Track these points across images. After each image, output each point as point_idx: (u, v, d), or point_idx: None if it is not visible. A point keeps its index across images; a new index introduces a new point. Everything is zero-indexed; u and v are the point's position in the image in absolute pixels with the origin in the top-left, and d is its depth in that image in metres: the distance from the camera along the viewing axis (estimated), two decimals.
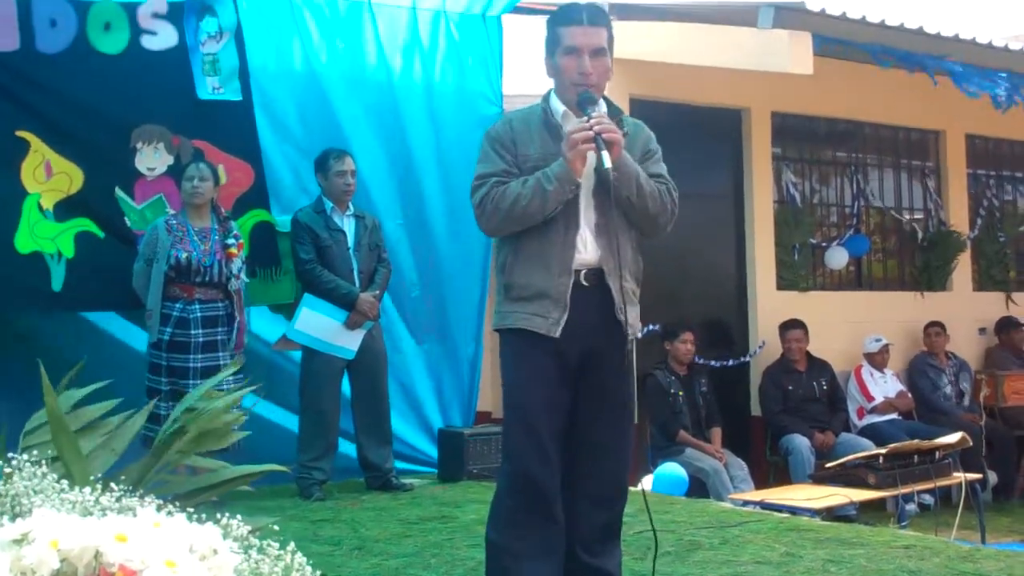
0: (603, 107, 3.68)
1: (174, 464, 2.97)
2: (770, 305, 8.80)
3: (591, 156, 3.55)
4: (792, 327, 8.42)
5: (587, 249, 3.64)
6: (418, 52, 7.37)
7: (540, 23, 4.07)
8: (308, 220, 6.39)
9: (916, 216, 10.08)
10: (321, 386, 6.35)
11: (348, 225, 6.48)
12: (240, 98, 6.53)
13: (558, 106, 3.72)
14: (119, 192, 6.25)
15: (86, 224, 6.16)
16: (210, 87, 6.46)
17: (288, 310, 6.62)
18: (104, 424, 3.09)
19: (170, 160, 6.35)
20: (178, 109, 6.39)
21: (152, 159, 6.33)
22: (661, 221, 3.74)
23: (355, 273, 6.41)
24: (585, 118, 3.54)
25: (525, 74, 6.81)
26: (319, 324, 6.33)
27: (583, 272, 3.62)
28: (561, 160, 3.52)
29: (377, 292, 6.46)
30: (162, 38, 6.36)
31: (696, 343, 7.96)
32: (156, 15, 6.35)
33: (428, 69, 7.39)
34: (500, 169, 3.65)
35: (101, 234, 6.20)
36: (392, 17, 7.30)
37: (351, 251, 6.44)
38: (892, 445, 6.74)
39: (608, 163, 3.46)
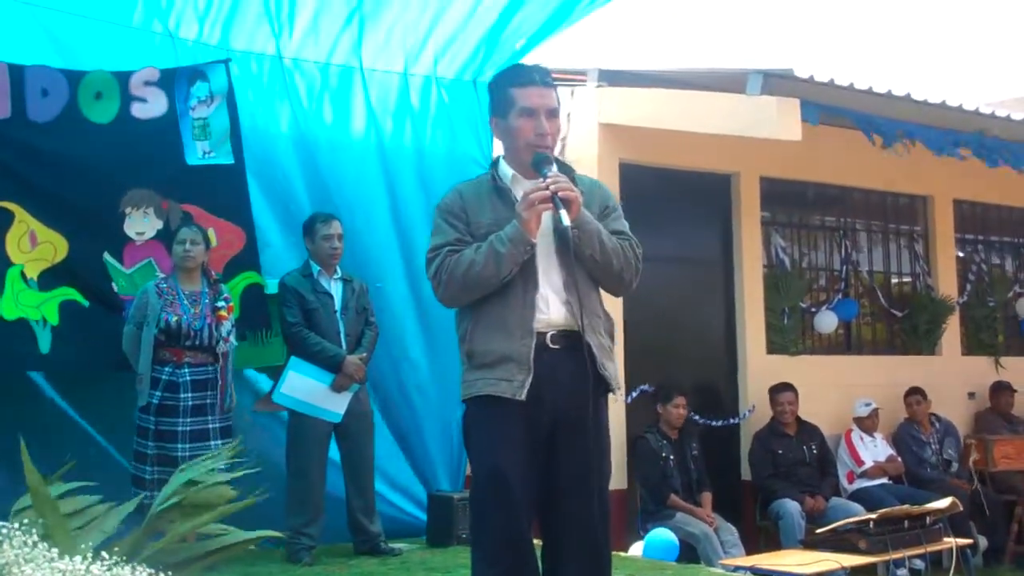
0: (554, 167, 3.64)
1: (171, 539, 2.96)
2: (760, 369, 8.80)
3: (548, 216, 3.54)
4: (783, 390, 8.42)
5: (550, 309, 3.58)
6: (409, 116, 7.43)
7: None
8: (295, 283, 6.40)
9: (905, 281, 10.13)
10: (308, 450, 6.31)
11: (335, 288, 6.49)
12: (232, 161, 6.56)
13: (507, 170, 3.72)
14: (107, 257, 6.27)
15: (70, 293, 6.17)
16: (200, 152, 6.49)
17: (271, 370, 6.62)
18: (91, 511, 3.08)
19: (159, 225, 6.38)
20: (167, 174, 6.42)
21: (141, 224, 6.36)
22: (626, 278, 3.71)
23: (342, 336, 6.41)
24: (541, 178, 3.53)
25: None
26: (305, 387, 6.30)
27: (550, 334, 3.57)
28: (515, 222, 3.49)
29: (364, 355, 6.45)
30: (152, 105, 6.41)
31: (687, 406, 7.95)
32: (147, 83, 6.41)
33: (419, 133, 7.46)
34: (452, 239, 3.63)
35: (86, 302, 6.21)
36: (383, 82, 7.36)
37: (338, 314, 6.44)
38: (883, 510, 6.71)
39: (567, 221, 3.44)
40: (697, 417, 8.36)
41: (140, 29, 6.63)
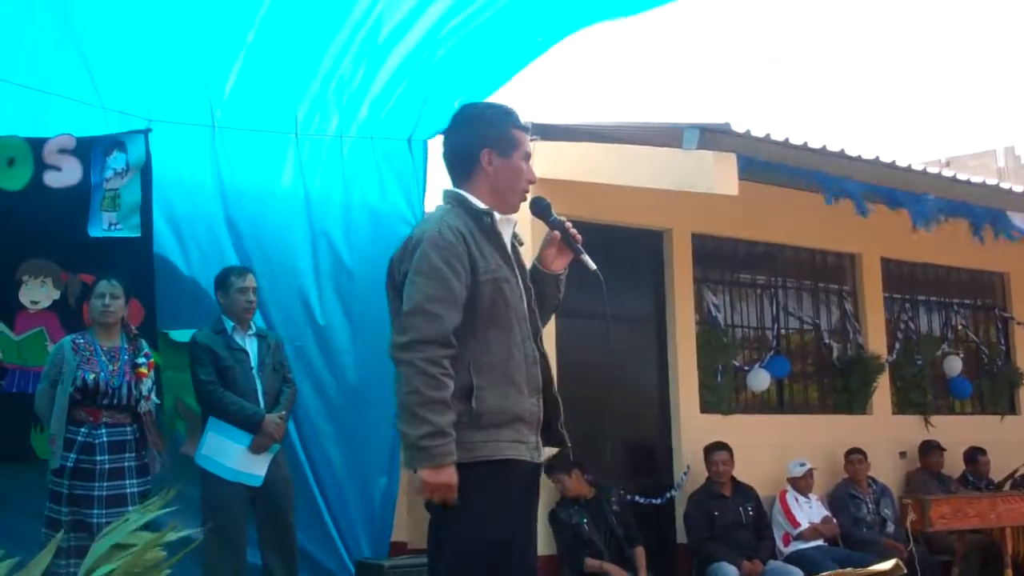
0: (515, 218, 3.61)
1: None
2: (694, 428, 8.67)
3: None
4: (717, 449, 8.29)
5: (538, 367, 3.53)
6: (341, 175, 7.28)
7: None
8: (207, 340, 6.14)
9: (835, 339, 10.11)
10: (228, 514, 5.98)
11: (250, 345, 6.24)
12: (138, 235, 6.36)
13: (495, 212, 3.55)
14: None
15: None
16: (106, 223, 6.31)
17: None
18: None
19: (56, 295, 6.19)
20: (71, 244, 6.24)
21: (37, 293, 6.17)
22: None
23: (259, 394, 6.15)
24: (549, 224, 3.60)
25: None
26: (224, 449, 6.03)
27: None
28: (447, 459, 3.21)
29: (283, 413, 6.18)
30: (66, 174, 6.23)
31: (585, 476, 7.67)
32: (63, 150, 6.23)
33: (348, 190, 7.31)
34: (456, 294, 3.34)
35: None
36: (317, 144, 7.21)
37: (254, 371, 6.19)
38: (826, 574, 6.58)
39: (593, 266, 3.51)
40: (635, 497, 8.15)
41: (61, 95, 6.40)
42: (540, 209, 3.59)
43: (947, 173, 8.12)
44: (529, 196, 3.69)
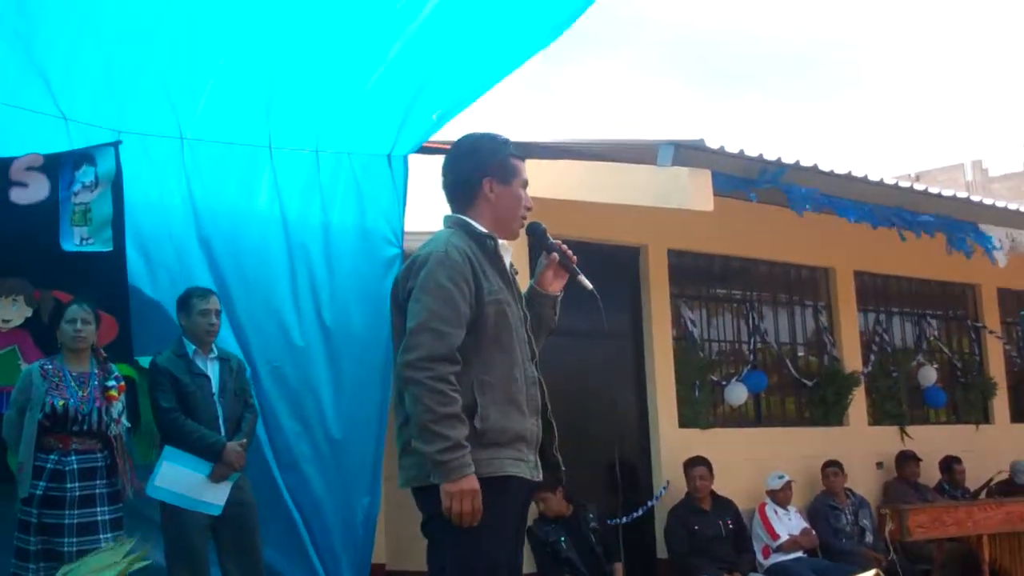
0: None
1: None
2: (673, 443, 8.68)
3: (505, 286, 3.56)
4: (697, 464, 8.30)
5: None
6: (318, 192, 7.23)
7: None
8: (168, 364, 5.98)
9: (811, 352, 10.16)
10: (188, 544, 5.84)
11: (212, 369, 6.09)
12: (110, 248, 6.27)
13: (497, 238, 3.66)
14: None
15: None
16: (78, 238, 6.22)
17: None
18: None
19: (28, 313, 6.09)
20: (42, 261, 6.13)
21: (9, 311, 6.07)
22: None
23: (220, 421, 5.99)
24: (545, 248, 3.72)
25: (430, 212, 6.73)
26: (181, 479, 5.85)
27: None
28: (466, 470, 3.25)
29: (244, 440, 6.02)
30: (33, 190, 6.14)
31: (566, 495, 7.63)
32: (30, 168, 6.13)
33: (327, 208, 7.25)
34: (462, 313, 3.39)
35: None
36: (292, 159, 7.16)
37: (216, 397, 6.03)
38: None
39: (589, 285, 3.60)
40: (618, 519, 8.11)
41: (29, 110, 6.35)
42: (537, 232, 3.71)
43: (919, 187, 8.19)
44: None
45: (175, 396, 5.91)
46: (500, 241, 3.65)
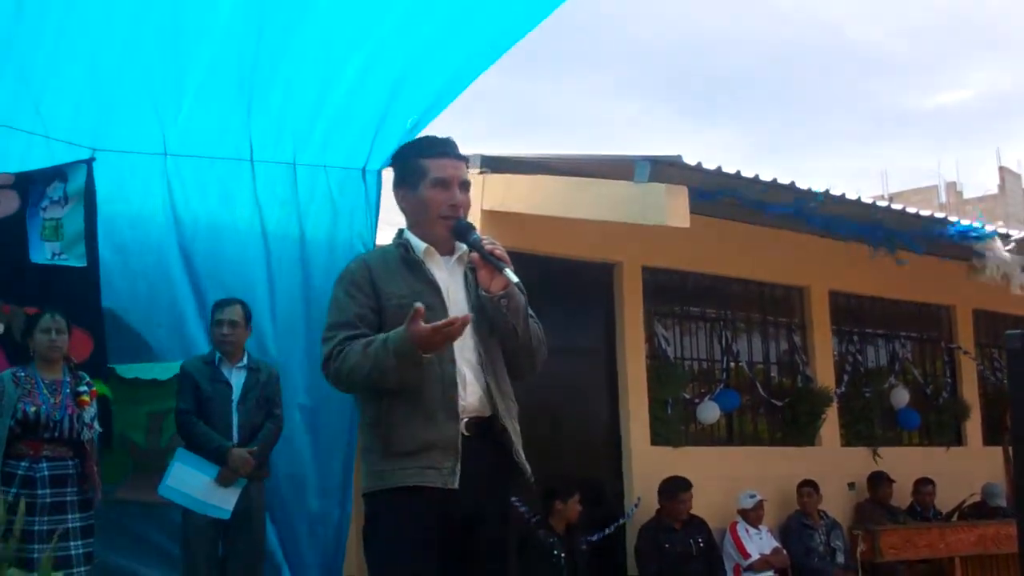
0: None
1: None
2: (645, 461, 8.66)
3: (461, 288, 3.46)
4: (684, 488, 8.26)
5: (467, 392, 3.37)
6: (295, 206, 7.20)
7: None
8: (192, 370, 6.21)
9: (784, 372, 10.16)
10: (197, 545, 5.99)
11: (236, 377, 6.26)
12: (84, 264, 6.23)
13: (418, 242, 3.51)
14: None
15: None
16: (49, 252, 6.18)
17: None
18: None
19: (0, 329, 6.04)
20: (12, 276, 6.09)
21: None
22: (538, 359, 3.58)
23: (234, 427, 6.15)
24: (466, 246, 3.45)
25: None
26: (191, 480, 6.00)
27: (465, 419, 3.34)
28: (404, 333, 3.19)
29: (255, 448, 6.11)
30: (2, 206, 6.09)
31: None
32: (1, 186, 6.10)
33: (303, 221, 7.22)
34: (352, 315, 3.39)
35: None
36: (272, 172, 7.13)
37: (233, 404, 6.19)
38: None
39: (515, 278, 3.28)
40: (589, 537, 8.08)
41: (16, 128, 6.26)
42: (461, 231, 3.47)
43: (895, 206, 8.20)
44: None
45: (193, 400, 6.11)
46: (439, 250, 3.52)
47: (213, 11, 5.64)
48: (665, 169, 6.71)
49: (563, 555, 7.45)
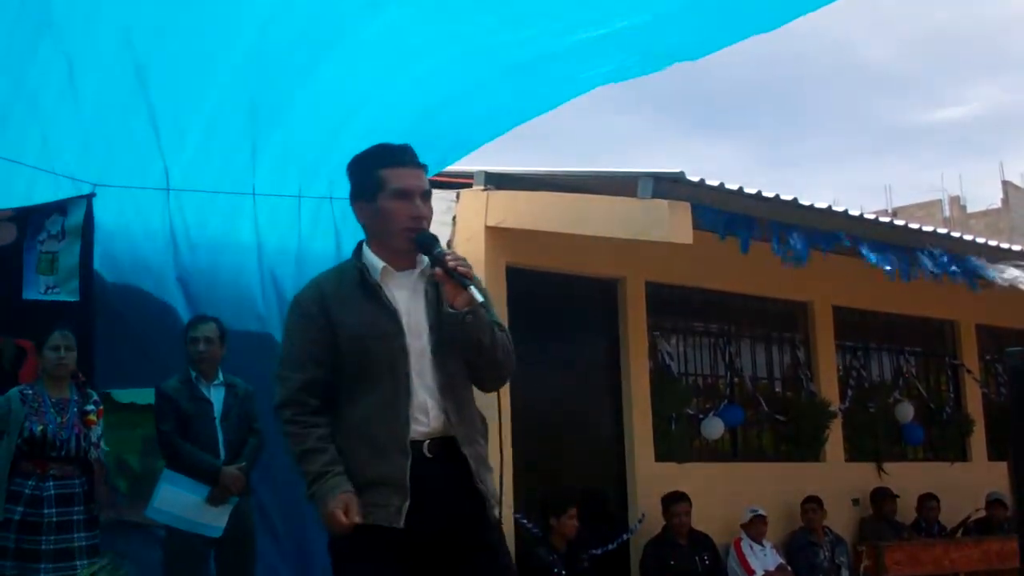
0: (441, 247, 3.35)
1: None
2: (649, 477, 8.65)
3: (422, 310, 3.30)
4: (679, 500, 8.25)
5: (429, 417, 3.24)
6: (297, 234, 7.23)
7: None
8: (170, 391, 6.06)
9: (788, 387, 10.14)
10: (187, 567, 5.89)
11: (215, 394, 6.14)
12: (77, 299, 6.27)
13: (375, 262, 3.35)
14: None
15: None
16: (43, 287, 6.22)
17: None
18: None
19: None
20: (5, 308, 6.13)
21: None
22: (505, 372, 3.43)
23: (220, 445, 6.04)
24: (430, 261, 3.29)
25: None
26: (180, 501, 5.89)
27: (426, 443, 3.22)
28: (326, 500, 3.13)
29: (243, 465, 6.04)
30: None
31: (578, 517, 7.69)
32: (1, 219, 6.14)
33: (305, 246, 7.26)
34: (304, 355, 3.28)
35: None
36: (274, 205, 7.16)
37: (217, 421, 6.08)
38: None
39: (480, 297, 3.16)
40: (592, 551, 8.07)
41: (10, 159, 6.26)
42: (424, 244, 3.31)
43: (898, 222, 8.21)
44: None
45: (175, 420, 5.99)
46: (423, 261, 3.36)
47: (226, 50, 5.63)
48: (668, 185, 6.72)
49: (564, 572, 7.42)
